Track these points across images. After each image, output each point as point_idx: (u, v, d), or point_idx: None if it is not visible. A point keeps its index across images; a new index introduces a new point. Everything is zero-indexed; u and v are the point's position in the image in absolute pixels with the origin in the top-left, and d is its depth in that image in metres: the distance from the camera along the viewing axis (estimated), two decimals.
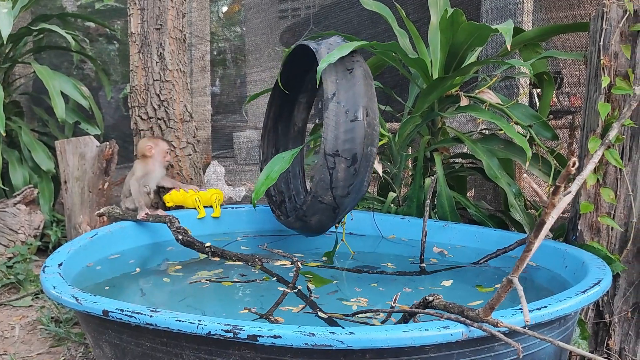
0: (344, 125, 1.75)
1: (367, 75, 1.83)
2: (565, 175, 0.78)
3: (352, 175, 1.78)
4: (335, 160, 1.76)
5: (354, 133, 1.75)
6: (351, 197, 1.84)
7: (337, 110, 1.75)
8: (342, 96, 1.76)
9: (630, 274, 1.78)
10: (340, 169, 1.77)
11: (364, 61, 1.88)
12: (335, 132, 1.75)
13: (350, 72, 1.79)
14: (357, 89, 1.77)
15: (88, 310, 1.34)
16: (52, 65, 4.20)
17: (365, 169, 1.80)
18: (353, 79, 1.78)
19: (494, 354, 1.23)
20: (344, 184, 1.80)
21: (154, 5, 2.44)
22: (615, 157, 1.74)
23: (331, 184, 1.79)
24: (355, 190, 1.83)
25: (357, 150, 1.77)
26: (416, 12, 3.03)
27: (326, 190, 1.80)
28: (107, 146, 2.72)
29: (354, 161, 1.78)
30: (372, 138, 1.79)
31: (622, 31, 1.75)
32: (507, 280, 0.98)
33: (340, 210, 1.88)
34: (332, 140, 1.75)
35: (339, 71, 1.80)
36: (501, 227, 2.19)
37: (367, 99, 1.78)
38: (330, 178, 1.78)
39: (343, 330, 1.14)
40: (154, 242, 2.16)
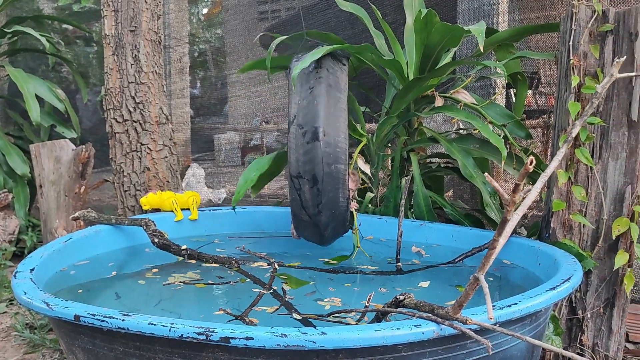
0: (302, 148, 1.79)
1: (334, 89, 1.83)
2: (524, 173, 0.79)
3: (316, 195, 1.82)
4: (300, 181, 1.81)
5: (312, 154, 1.79)
6: (325, 215, 1.86)
7: (296, 133, 1.80)
8: (301, 118, 1.80)
9: (601, 270, 1.81)
10: (305, 190, 1.81)
11: (336, 71, 1.87)
12: (296, 155, 1.80)
13: (311, 92, 1.82)
14: (315, 109, 1.80)
15: (59, 316, 1.33)
16: (28, 68, 4.15)
17: (335, 188, 1.82)
18: (312, 98, 1.81)
19: (466, 351, 1.24)
20: (312, 204, 1.84)
21: (128, 7, 2.42)
22: (585, 155, 1.77)
23: (302, 204, 1.84)
24: (327, 208, 1.85)
25: (317, 171, 1.80)
26: (394, 13, 3.04)
27: (300, 209, 1.86)
28: (83, 149, 2.70)
29: (315, 182, 1.81)
30: (334, 156, 1.80)
31: (590, 31, 1.78)
32: (473, 278, 0.99)
33: (321, 226, 1.91)
34: (294, 163, 1.80)
35: (303, 91, 1.83)
36: (477, 225, 2.21)
37: (326, 117, 1.79)
38: (299, 198, 1.83)
39: (315, 330, 1.14)
40: (130, 245, 2.15)
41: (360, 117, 2.33)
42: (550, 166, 1.09)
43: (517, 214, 1.00)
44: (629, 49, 1.73)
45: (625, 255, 1.74)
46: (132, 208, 2.51)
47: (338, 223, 1.93)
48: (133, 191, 2.51)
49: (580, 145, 1.79)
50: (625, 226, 1.74)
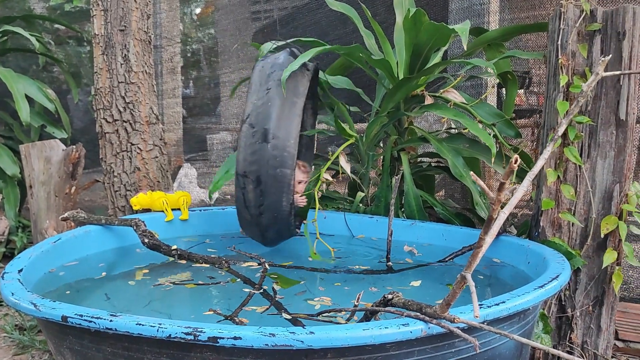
0: (251, 148, 1.80)
1: (290, 93, 1.84)
2: (509, 172, 0.79)
3: (258, 196, 1.83)
4: (245, 181, 1.82)
5: (258, 155, 1.80)
6: (267, 217, 1.87)
7: (247, 132, 1.81)
8: (253, 118, 1.81)
9: (590, 268, 1.82)
10: (249, 190, 1.83)
11: (297, 75, 1.87)
12: (244, 154, 1.81)
13: (267, 93, 1.83)
14: (268, 110, 1.81)
15: (47, 317, 1.32)
16: (19, 68, 4.12)
17: (278, 192, 1.83)
18: (267, 99, 1.82)
19: (454, 349, 1.24)
20: (254, 204, 1.85)
21: (118, 7, 2.41)
22: (574, 154, 1.77)
23: (244, 203, 1.86)
24: (269, 210, 1.85)
25: (262, 173, 1.81)
26: (384, 12, 3.05)
27: (243, 208, 1.87)
28: (73, 150, 2.69)
29: (258, 183, 1.82)
30: (281, 160, 1.80)
31: (579, 31, 1.79)
32: (460, 277, 1.00)
33: (262, 228, 1.92)
34: (242, 161, 1.81)
35: (260, 91, 1.84)
36: (468, 224, 2.22)
37: (278, 120, 1.80)
38: (243, 197, 1.85)
39: (303, 330, 1.14)
40: (120, 246, 2.14)
41: (347, 116, 2.33)
42: (537, 165, 1.09)
43: (504, 213, 1.01)
44: (617, 48, 1.74)
45: (614, 254, 1.76)
46: (122, 208, 2.50)
47: (281, 226, 1.93)
48: (123, 191, 2.50)
49: (569, 144, 1.80)
50: (614, 225, 1.75)
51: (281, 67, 1.88)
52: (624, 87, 1.73)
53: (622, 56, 1.73)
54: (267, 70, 1.88)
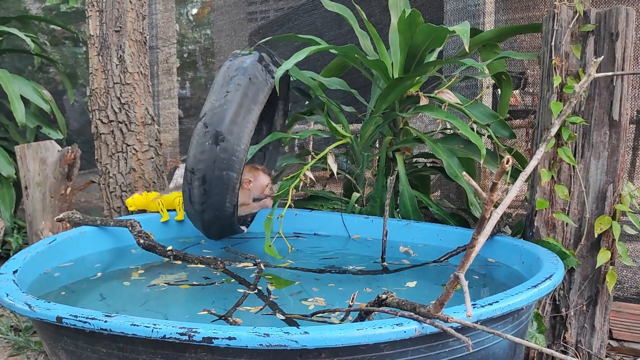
0: (201, 147, 1.84)
1: (248, 99, 1.87)
2: (501, 172, 0.80)
3: (202, 194, 1.87)
4: (192, 177, 1.87)
5: (207, 155, 1.83)
6: (208, 215, 1.92)
7: (200, 131, 1.84)
8: (208, 118, 1.85)
9: (584, 268, 1.83)
10: (195, 186, 1.87)
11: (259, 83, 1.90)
12: (194, 151, 1.85)
13: (225, 95, 1.86)
14: (223, 112, 1.84)
15: (42, 317, 1.32)
16: (15, 69, 4.11)
17: (222, 192, 1.87)
18: (224, 102, 1.85)
19: (448, 349, 1.25)
20: (198, 201, 1.89)
21: (113, 8, 2.41)
22: (568, 154, 1.78)
23: (190, 198, 1.90)
24: (211, 208, 1.90)
25: (207, 173, 1.85)
26: (380, 13, 3.06)
27: (189, 202, 1.92)
28: (69, 151, 2.68)
29: (204, 182, 1.86)
30: (229, 164, 1.84)
31: (572, 32, 1.80)
32: (454, 277, 1.00)
33: (205, 223, 1.97)
34: (192, 158, 1.85)
35: (221, 92, 1.87)
36: (463, 225, 2.22)
37: (231, 124, 1.83)
38: (189, 192, 1.89)
39: (297, 330, 1.14)
40: (115, 246, 2.14)
41: (340, 117, 2.33)
42: (530, 165, 1.10)
43: (497, 213, 1.01)
44: (610, 49, 1.75)
45: (607, 253, 1.76)
46: (118, 209, 2.50)
47: (223, 224, 1.99)
48: (119, 192, 2.50)
49: (563, 145, 1.80)
50: (607, 224, 1.76)
51: (244, 71, 1.91)
52: (617, 87, 1.74)
53: (615, 57, 1.74)
54: (231, 73, 1.92)
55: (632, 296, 2.23)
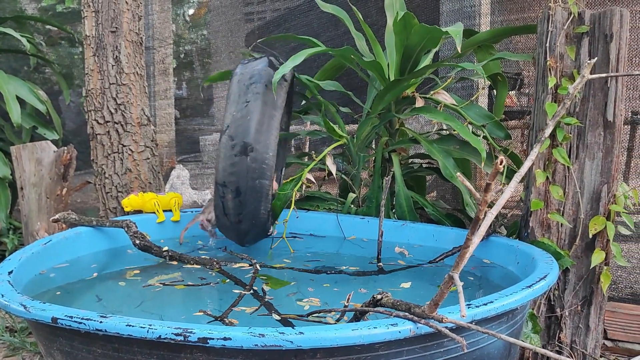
0: (230, 159, 1.85)
1: (268, 107, 1.89)
2: (494, 173, 0.80)
3: (238, 205, 1.89)
4: (224, 190, 1.88)
5: (238, 167, 1.85)
6: (245, 224, 1.94)
7: (226, 144, 1.85)
8: (233, 130, 1.86)
9: (579, 268, 1.84)
10: (228, 199, 1.89)
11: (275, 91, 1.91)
12: (223, 165, 1.86)
13: (246, 106, 1.87)
14: (248, 123, 1.85)
15: (37, 318, 1.32)
16: (11, 69, 4.10)
17: (257, 201, 1.89)
18: (246, 112, 1.87)
19: (443, 349, 1.25)
20: (234, 212, 1.91)
21: (109, 8, 2.41)
22: (563, 155, 1.79)
23: (224, 211, 1.91)
24: (248, 218, 1.92)
25: (241, 184, 1.87)
26: (376, 14, 3.06)
27: (222, 215, 1.93)
28: (64, 151, 2.68)
29: (238, 193, 1.88)
30: (260, 172, 1.86)
31: (567, 33, 1.81)
32: (448, 277, 1.01)
33: (241, 233, 1.99)
34: (221, 172, 1.86)
35: (239, 103, 1.88)
36: (458, 225, 2.23)
37: (257, 133, 1.86)
38: (223, 205, 1.90)
39: (292, 330, 1.15)
40: (111, 247, 2.13)
41: (337, 117, 2.34)
42: (524, 166, 1.10)
43: (492, 213, 1.02)
44: (604, 51, 1.76)
45: (602, 254, 1.77)
46: (114, 210, 2.50)
47: (259, 231, 2.01)
48: (115, 193, 2.50)
49: (558, 146, 1.81)
50: (602, 225, 1.77)
51: (260, 78, 1.92)
52: (612, 89, 1.75)
53: (609, 58, 1.75)
54: (246, 82, 1.92)
55: (626, 296, 2.23)
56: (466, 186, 0.82)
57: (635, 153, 2.62)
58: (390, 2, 2.33)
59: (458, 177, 0.83)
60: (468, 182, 0.83)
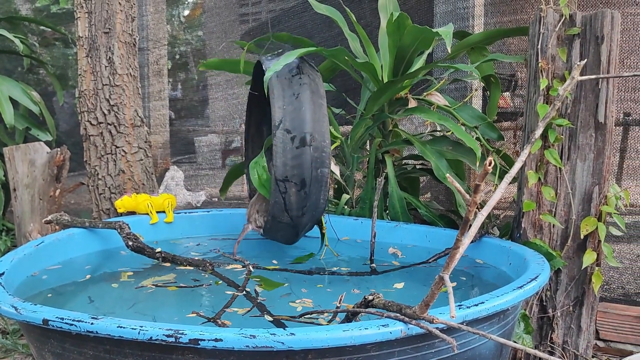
0: (291, 152, 1.82)
1: (317, 97, 1.89)
2: (483, 175, 0.81)
3: (303, 198, 1.87)
4: (286, 185, 1.84)
5: (301, 159, 1.83)
6: (307, 216, 1.92)
7: (283, 138, 1.82)
8: (289, 123, 1.83)
9: (571, 269, 1.85)
10: (292, 193, 1.85)
11: (315, 78, 1.93)
12: (283, 159, 1.82)
13: (297, 98, 1.86)
14: (303, 114, 1.84)
15: (28, 320, 1.32)
16: (4, 70, 4.09)
17: (318, 190, 1.88)
18: (299, 104, 1.85)
19: (434, 350, 1.25)
20: (297, 206, 1.88)
21: (102, 9, 2.40)
22: (554, 156, 1.80)
23: (285, 207, 1.87)
24: (310, 210, 1.91)
25: (306, 175, 1.85)
26: (370, 15, 3.07)
27: (282, 212, 1.88)
28: (58, 152, 2.67)
29: (303, 185, 1.85)
30: (321, 161, 1.86)
31: (558, 35, 1.81)
32: (439, 278, 1.01)
33: (300, 227, 1.97)
34: (281, 167, 1.82)
35: (286, 96, 1.86)
36: (451, 226, 2.24)
37: (313, 123, 1.85)
38: (284, 201, 1.86)
39: (284, 331, 1.15)
40: (104, 248, 2.13)
41: (332, 119, 2.34)
42: (515, 167, 1.11)
43: (482, 214, 1.02)
44: (596, 52, 1.77)
45: (593, 255, 1.78)
46: (107, 211, 2.50)
47: (314, 223, 1.99)
48: (108, 194, 2.50)
49: (550, 147, 1.82)
50: (593, 226, 1.78)
51: (300, 70, 1.92)
52: (603, 90, 1.76)
53: (600, 60, 1.76)
54: (287, 75, 1.90)
55: (618, 297, 2.25)
56: (456, 187, 0.82)
57: (627, 154, 2.63)
58: (384, 3, 2.33)
59: (448, 178, 0.84)
60: (457, 184, 0.83)
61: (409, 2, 3.00)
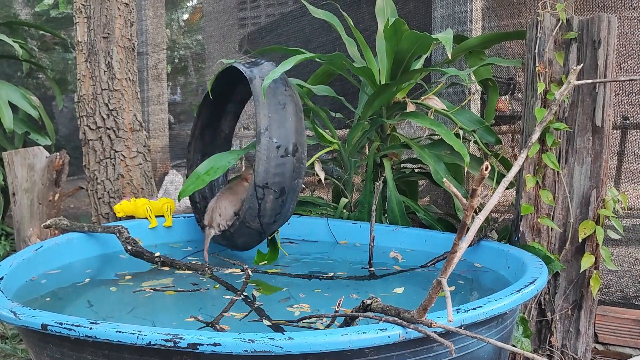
0: (275, 160, 1.85)
1: (299, 110, 1.94)
2: (480, 179, 0.81)
3: (279, 205, 1.90)
4: (265, 191, 1.87)
5: (284, 168, 1.86)
6: (277, 224, 1.98)
7: (268, 145, 1.85)
8: (275, 132, 1.86)
9: (569, 272, 1.85)
10: (269, 200, 1.88)
11: (295, 91, 1.97)
12: (266, 166, 1.85)
13: (283, 108, 1.89)
14: (289, 125, 1.88)
15: (27, 325, 1.32)
16: (4, 74, 4.10)
17: (292, 199, 1.94)
18: (285, 114, 1.88)
19: (433, 354, 1.26)
20: (271, 213, 1.91)
21: (101, 14, 2.41)
22: (552, 160, 1.81)
23: (259, 213, 1.90)
24: (281, 218, 1.96)
25: (286, 184, 1.89)
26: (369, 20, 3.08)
27: (254, 217, 1.91)
28: (57, 157, 2.67)
29: (282, 193, 1.89)
30: (299, 172, 1.91)
31: (555, 39, 1.82)
32: (436, 282, 1.01)
33: (266, 234, 2.01)
34: (263, 173, 1.85)
35: (271, 104, 1.89)
36: (450, 230, 2.24)
37: (297, 134, 1.89)
38: (259, 207, 1.89)
39: (282, 335, 1.15)
40: (103, 253, 2.13)
41: (327, 123, 2.35)
42: (512, 170, 1.11)
43: (479, 218, 1.03)
44: (592, 56, 1.78)
45: (591, 258, 1.78)
46: (106, 215, 2.50)
47: (275, 232, 2.06)
48: (107, 198, 2.50)
49: (547, 151, 1.83)
50: (591, 229, 1.79)
51: (284, 81, 1.95)
52: (600, 94, 1.77)
53: (597, 64, 1.77)
54: (271, 84, 1.91)
55: (617, 300, 2.24)
56: (452, 192, 0.83)
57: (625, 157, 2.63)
58: (382, 8, 2.34)
59: (444, 182, 0.84)
60: (454, 188, 0.84)
61: (407, 6, 3.01)
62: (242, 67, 1.97)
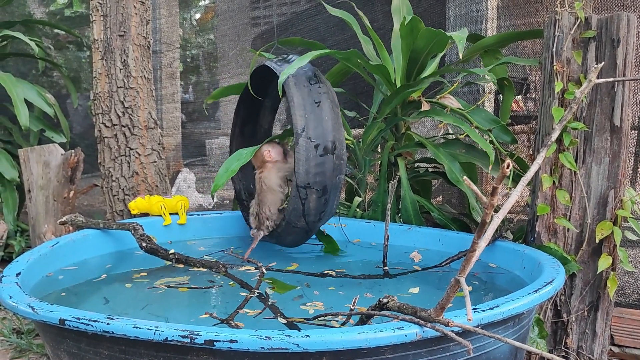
0: (314, 160, 1.85)
1: (335, 105, 1.94)
2: (501, 177, 0.81)
3: (322, 204, 1.91)
4: (307, 191, 1.87)
5: (324, 167, 1.87)
6: (322, 221, 2.00)
7: (307, 146, 1.85)
8: (312, 131, 1.86)
9: (586, 273, 1.83)
10: (312, 200, 1.89)
11: (330, 87, 1.96)
12: (306, 167, 1.85)
13: (318, 106, 1.89)
14: (325, 123, 1.88)
15: (45, 320, 1.33)
16: (19, 72, 4.13)
17: (335, 196, 1.94)
18: (321, 113, 1.88)
19: (449, 353, 1.25)
20: (316, 212, 1.92)
21: (117, 12, 2.43)
22: (569, 160, 1.79)
23: (304, 212, 1.91)
24: (327, 215, 1.98)
25: (327, 182, 1.89)
26: (383, 18, 3.07)
27: (299, 217, 1.92)
28: (72, 154, 2.69)
29: (324, 192, 1.90)
30: (340, 168, 1.91)
31: (573, 38, 1.80)
32: (454, 281, 1.01)
33: (313, 231, 2.04)
34: (304, 174, 1.85)
35: (307, 104, 1.89)
36: (464, 229, 2.22)
37: (335, 132, 1.89)
38: (303, 207, 1.90)
39: (299, 333, 1.15)
40: (118, 250, 2.14)
41: (344, 122, 2.35)
42: (531, 170, 1.10)
43: (498, 217, 1.02)
44: (611, 55, 1.76)
45: (609, 259, 1.77)
46: (120, 212, 2.51)
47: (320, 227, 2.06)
48: (122, 196, 2.51)
49: (564, 150, 1.81)
50: (609, 230, 1.77)
51: (318, 78, 1.96)
52: (619, 93, 1.75)
53: (616, 63, 1.75)
54: (305, 83, 1.93)
55: (634, 302, 2.22)
56: (473, 190, 0.82)
57: None
58: (397, 6, 2.33)
59: (464, 180, 0.84)
60: (474, 186, 0.83)
61: (422, 5, 3.00)
62: (274, 66, 1.98)
